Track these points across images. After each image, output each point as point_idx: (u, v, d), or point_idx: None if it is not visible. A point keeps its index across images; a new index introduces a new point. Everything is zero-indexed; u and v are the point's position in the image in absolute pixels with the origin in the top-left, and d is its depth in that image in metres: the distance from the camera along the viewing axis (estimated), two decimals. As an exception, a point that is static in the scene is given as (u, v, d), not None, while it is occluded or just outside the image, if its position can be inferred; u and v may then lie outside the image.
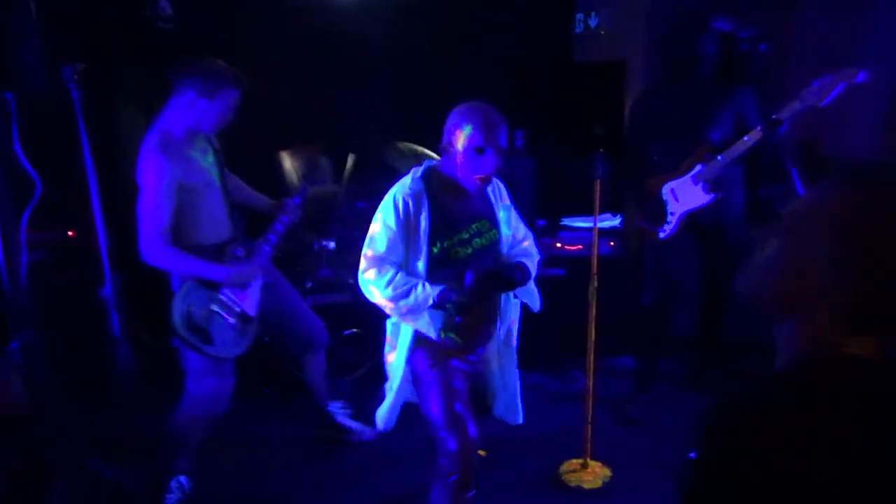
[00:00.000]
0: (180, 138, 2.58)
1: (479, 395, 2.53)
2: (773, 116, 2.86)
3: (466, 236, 2.26)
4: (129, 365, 2.90)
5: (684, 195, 3.19)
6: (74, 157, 2.72)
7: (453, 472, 2.15)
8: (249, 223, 2.94)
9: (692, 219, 3.23)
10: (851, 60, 4.26)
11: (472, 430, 2.19)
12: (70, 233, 3.40)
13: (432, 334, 2.23)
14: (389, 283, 2.17)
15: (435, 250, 2.21)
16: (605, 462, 2.97)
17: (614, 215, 4.50)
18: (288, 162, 4.47)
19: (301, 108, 4.55)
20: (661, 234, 3.30)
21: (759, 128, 2.92)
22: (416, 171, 2.29)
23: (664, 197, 3.25)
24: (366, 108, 4.71)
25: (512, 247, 2.46)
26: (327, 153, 4.64)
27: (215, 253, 2.69)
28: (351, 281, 3.78)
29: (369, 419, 3.39)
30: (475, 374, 2.46)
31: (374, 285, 2.20)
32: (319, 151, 4.61)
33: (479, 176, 2.20)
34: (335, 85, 4.72)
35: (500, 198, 2.42)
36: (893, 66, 4.02)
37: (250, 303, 2.76)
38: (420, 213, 2.19)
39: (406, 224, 2.20)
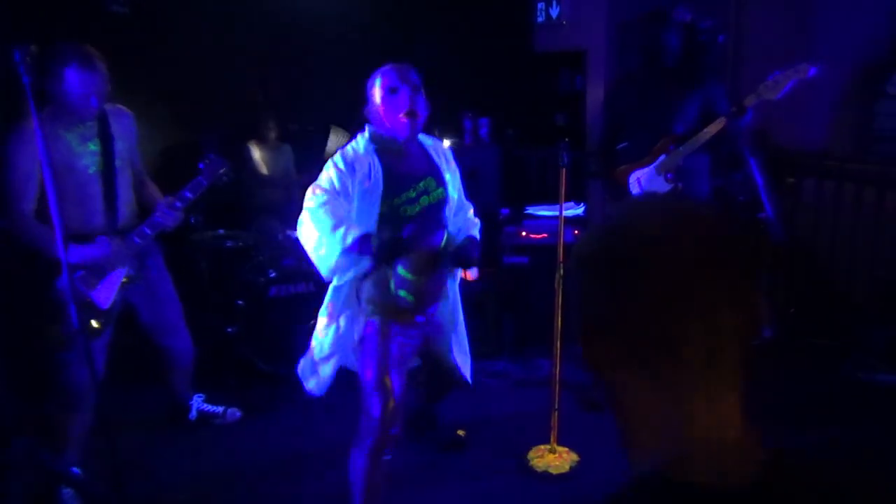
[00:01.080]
0: (52, 117, 2.51)
1: (437, 360, 2.54)
2: (736, 107, 2.94)
3: (413, 194, 2.24)
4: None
5: (649, 184, 3.25)
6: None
7: (371, 436, 2.23)
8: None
9: None
10: (801, 52, 4.42)
11: (399, 399, 2.25)
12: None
13: (327, 276, 2.24)
14: (327, 207, 2.13)
15: (384, 209, 2.19)
16: (573, 447, 3.01)
17: (578, 204, 4.55)
18: (256, 151, 4.41)
19: (265, 94, 4.48)
20: None
21: (721, 119, 2.99)
22: (364, 133, 2.29)
23: (630, 186, 3.31)
24: (324, 95, 4.66)
25: (456, 213, 2.44)
26: (289, 140, 4.58)
27: (78, 239, 2.57)
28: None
29: (333, 412, 3.40)
30: (427, 339, 2.44)
31: (311, 220, 2.16)
32: (283, 139, 4.55)
33: (401, 114, 2.18)
34: (292, 72, 4.65)
35: (445, 159, 2.41)
36: (839, 59, 4.16)
37: (103, 294, 2.66)
38: (371, 172, 2.19)
39: (354, 181, 2.17)
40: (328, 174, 2.19)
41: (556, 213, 3.04)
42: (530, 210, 4.55)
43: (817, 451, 2.77)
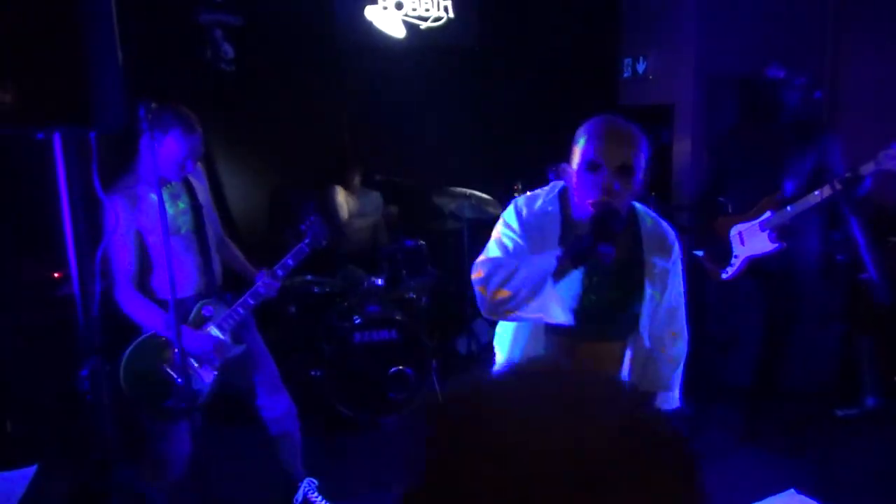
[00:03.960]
0: (142, 182, 2.46)
1: None
2: (854, 173, 2.81)
3: (591, 282, 1.80)
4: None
5: (750, 240, 3.17)
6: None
7: None
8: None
9: (757, 264, 3.20)
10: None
11: None
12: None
13: (563, 318, 1.71)
14: (497, 267, 1.74)
15: None
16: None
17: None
18: (340, 196, 4.56)
19: (353, 146, 4.67)
20: (724, 276, 3.28)
21: (831, 183, 2.87)
22: (554, 187, 1.89)
23: (731, 239, 3.24)
24: (413, 148, 4.81)
25: (656, 331, 1.89)
26: (379, 188, 4.73)
27: (176, 308, 2.50)
28: (399, 318, 3.81)
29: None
30: None
31: (481, 282, 1.75)
32: (371, 186, 4.70)
33: (590, 201, 1.70)
34: (384, 125, 4.84)
35: (656, 249, 1.85)
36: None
37: (206, 371, 2.58)
38: (548, 235, 1.79)
39: (531, 238, 1.79)
40: (497, 235, 1.84)
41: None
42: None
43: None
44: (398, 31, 4.85)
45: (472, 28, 5.04)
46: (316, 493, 3.01)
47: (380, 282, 4.02)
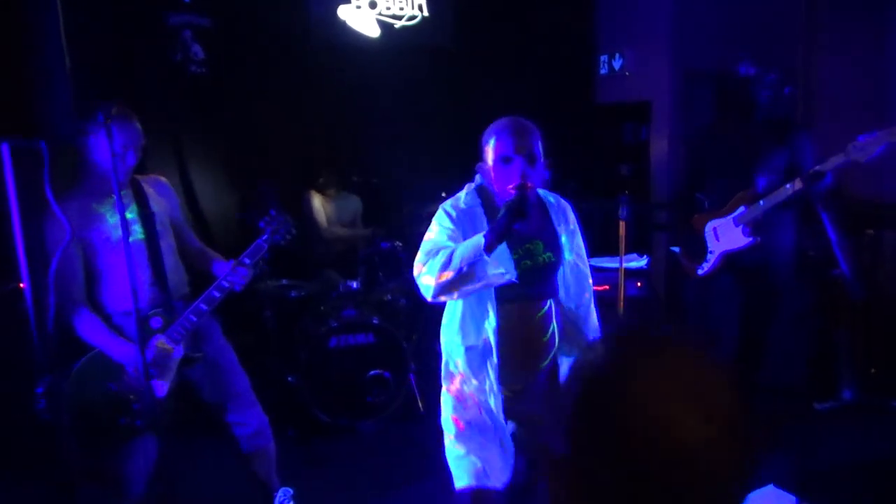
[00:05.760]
0: (87, 191, 2.38)
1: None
2: (816, 169, 2.83)
3: (515, 257, 2.08)
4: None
5: (725, 235, 3.18)
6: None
7: None
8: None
9: (732, 260, 3.20)
10: (875, 101, 4.27)
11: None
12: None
13: (508, 274, 1.99)
14: (436, 255, 1.98)
15: None
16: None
17: (641, 256, 4.46)
18: (317, 200, 4.51)
19: (328, 148, 4.63)
20: (700, 272, 3.28)
21: (798, 179, 2.89)
22: (470, 186, 2.18)
23: (706, 235, 3.25)
24: (389, 149, 4.77)
25: (574, 281, 2.22)
26: (358, 192, 4.68)
27: (125, 320, 2.40)
28: (376, 321, 3.77)
29: (394, 466, 3.37)
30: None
31: (426, 273, 1.98)
32: (349, 191, 4.66)
33: (511, 187, 2.02)
34: (359, 126, 4.80)
35: (565, 220, 2.23)
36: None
37: (159, 383, 2.44)
38: (475, 229, 2.04)
39: (462, 229, 2.06)
40: (433, 234, 2.08)
41: (616, 265, 2.98)
42: (593, 262, 4.48)
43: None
44: (372, 31, 4.81)
45: (447, 27, 5.01)
46: (291, 503, 2.96)
47: (356, 285, 3.98)
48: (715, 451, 0.65)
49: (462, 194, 2.17)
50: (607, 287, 4.12)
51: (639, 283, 4.21)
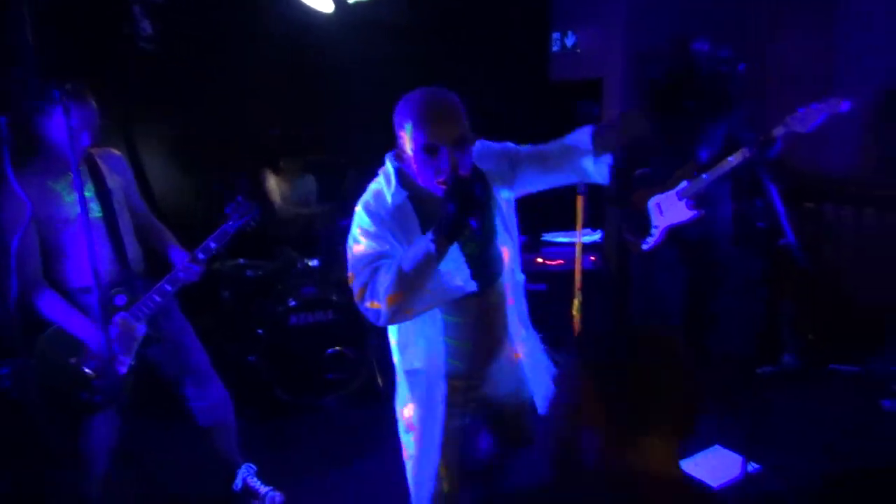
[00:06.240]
0: (37, 170, 2.35)
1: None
2: (767, 134, 2.91)
3: (466, 252, 1.82)
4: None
5: (669, 210, 3.27)
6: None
7: None
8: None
9: (677, 233, 3.30)
10: (825, 79, 4.44)
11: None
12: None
13: (467, 286, 1.76)
14: (377, 276, 1.71)
15: None
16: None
17: (594, 230, 4.56)
18: (272, 180, 4.46)
19: (284, 126, 4.57)
20: (645, 247, 3.37)
21: (745, 148, 2.98)
22: (390, 176, 1.83)
23: (649, 211, 3.33)
24: (345, 127, 4.74)
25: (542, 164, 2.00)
26: (313, 171, 4.65)
27: (86, 297, 2.41)
28: (335, 298, 3.78)
29: (357, 442, 3.41)
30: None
31: (369, 297, 1.72)
32: (305, 170, 4.62)
33: (440, 181, 1.72)
34: (314, 104, 4.75)
35: (499, 175, 1.94)
36: (861, 84, 4.17)
37: (120, 360, 2.47)
38: (409, 232, 1.78)
39: (394, 235, 1.78)
40: (362, 247, 1.77)
41: (573, 240, 3.06)
42: (547, 237, 4.57)
43: (842, 480, 2.74)
44: (326, 6, 4.74)
45: (402, 3, 4.97)
46: (255, 479, 2.98)
47: (315, 263, 3.97)
48: None
49: (382, 186, 1.83)
50: (562, 262, 4.22)
51: (592, 258, 4.32)
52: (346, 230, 4.16)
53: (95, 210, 2.47)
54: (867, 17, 4.26)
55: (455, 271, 1.74)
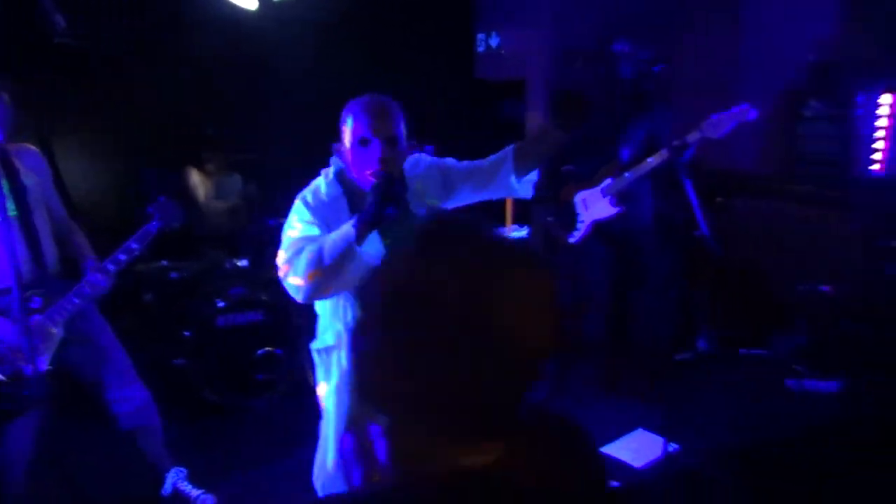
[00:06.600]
0: None
1: None
2: (682, 141, 3.14)
3: (386, 243, 1.95)
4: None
5: (593, 205, 3.44)
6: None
7: None
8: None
9: (601, 228, 3.47)
10: (730, 82, 4.70)
11: None
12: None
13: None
14: (301, 254, 1.84)
15: None
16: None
17: (521, 226, 4.68)
18: (195, 177, 4.38)
19: (209, 124, 4.48)
20: (571, 240, 3.54)
21: (663, 150, 3.20)
22: (328, 172, 2.03)
23: (576, 205, 3.49)
24: (272, 126, 4.69)
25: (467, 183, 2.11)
26: (239, 169, 4.58)
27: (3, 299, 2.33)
28: (265, 299, 3.74)
29: (290, 441, 3.39)
30: None
31: (292, 273, 1.85)
32: (230, 168, 4.54)
33: (370, 172, 1.89)
34: (239, 101, 4.68)
35: (435, 184, 2.09)
36: (764, 86, 4.44)
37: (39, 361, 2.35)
38: (340, 222, 1.89)
39: (324, 221, 1.93)
40: (296, 231, 1.92)
41: (502, 236, 3.15)
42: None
43: (750, 452, 2.93)
44: (250, 4, 4.67)
45: (327, 1, 4.96)
46: (186, 483, 2.92)
47: (244, 263, 3.93)
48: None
49: (321, 182, 2.01)
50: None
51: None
52: (276, 230, 4.14)
53: (11, 208, 2.37)
54: (769, 22, 4.55)
55: (374, 257, 1.87)
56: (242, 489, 3.04)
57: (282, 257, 1.90)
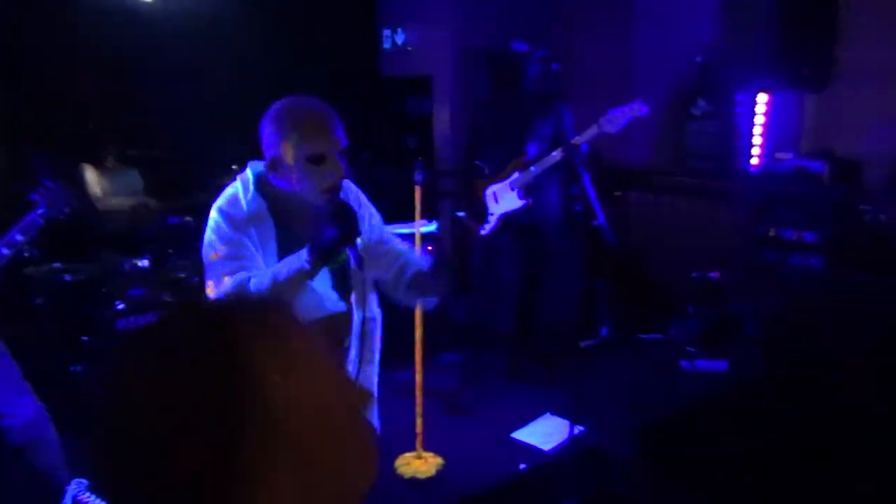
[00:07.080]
0: None
1: None
2: (574, 140, 3.32)
3: (334, 267, 1.79)
4: None
5: (503, 198, 3.58)
6: None
7: None
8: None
9: (510, 220, 3.61)
10: (623, 80, 4.95)
11: None
12: None
13: (337, 306, 1.81)
14: (235, 285, 1.65)
15: None
16: (437, 451, 3.14)
17: (430, 221, 4.74)
18: (90, 174, 4.17)
19: (105, 117, 4.29)
20: (483, 232, 3.66)
21: (563, 146, 3.37)
22: (248, 183, 1.77)
23: (486, 199, 3.61)
24: (172, 120, 4.53)
25: (386, 260, 1.96)
26: (137, 164, 4.40)
27: None
28: (168, 299, 3.62)
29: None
30: None
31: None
32: (127, 163, 4.36)
33: (324, 189, 1.70)
34: (137, 95, 4.49)
35: (358, 205, 1.89)
36: (655, 86, 4.71)
37: None
38: (264, 241, 1.73)
39: (251, 240, 1.73)
40: (220, 255, 1.70)
41: (411, 231, 3.19)
42: (389, 229, 4.68)
43: (649, 428, 3.12)
44: (146, -6, 4.50)
45: (228, -7, 4.84)
46: (87, 494, 2.79)
47: (144, 263, 3.78)
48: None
49: (240, 194, 1.76)
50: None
51: (429, 247, 4.49)
52: (177, 229, 4.00)
53: None
54: (661, 22, 4.82)
55: (319, 284, 1.75)
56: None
57: (212, 290, 1.70)
